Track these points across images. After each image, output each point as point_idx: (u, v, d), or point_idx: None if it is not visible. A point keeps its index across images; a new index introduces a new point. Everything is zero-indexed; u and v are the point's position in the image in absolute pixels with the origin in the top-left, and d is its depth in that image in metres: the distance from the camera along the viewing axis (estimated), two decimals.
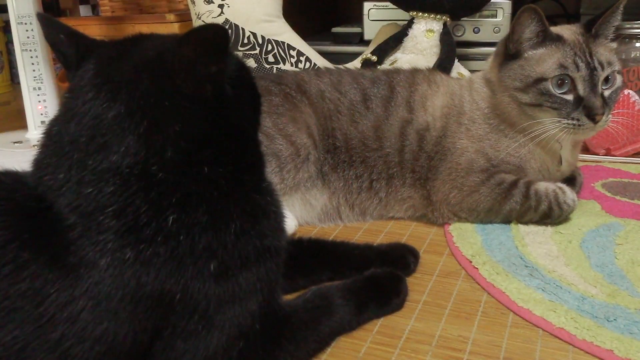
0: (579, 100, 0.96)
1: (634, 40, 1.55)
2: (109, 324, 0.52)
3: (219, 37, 0.53)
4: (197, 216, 0.55)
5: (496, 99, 1.05)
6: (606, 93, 0.97)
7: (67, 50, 0.59)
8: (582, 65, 0.95)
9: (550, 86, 0.97)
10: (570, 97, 0.97)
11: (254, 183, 0.62)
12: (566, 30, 1.00)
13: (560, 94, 0.97)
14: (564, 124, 0.97)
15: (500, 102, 1.04)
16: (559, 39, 0.98)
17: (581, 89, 0.96)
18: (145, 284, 0.53)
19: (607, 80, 0.97)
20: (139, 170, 0.53)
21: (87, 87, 0.55)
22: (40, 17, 0.61)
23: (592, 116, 0.95)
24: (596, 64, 0.95)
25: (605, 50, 0.98)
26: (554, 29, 1.01)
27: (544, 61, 0.98)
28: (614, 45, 1.01)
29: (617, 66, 0.98)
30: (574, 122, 0.96)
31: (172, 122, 0.54)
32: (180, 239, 0.54)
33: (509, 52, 1.02)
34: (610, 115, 0.98)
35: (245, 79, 0.63)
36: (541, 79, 0.97)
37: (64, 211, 0.53)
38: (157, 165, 0.54)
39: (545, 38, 0.98)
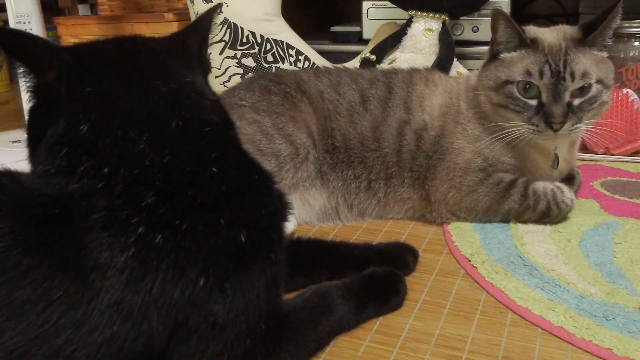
0: (541, 107, 0.96)
1: (633, 39, 1.55)
2: (120, 326, 0.52)
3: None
4: (231, 172, 0.60)
5: (477, 97, 1.05)
6: (575, 102, 0.95)
7: (62, 55, 0.57)
8: (547, 73, 0.95)
9: (514, 90, 0.98)
10: (534, 102, 0.97)
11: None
12: (553, 33, 1.00)
13: (524, 98, 0.97)
14: (525, 127, 0.98)
15: (479, 100, 1.05)
16: (534, 43, 0.98)
17: (544, 96, 0.96)
18: (170, 276, 0.53)
19: (581, 89, 0.95)
20: (191, 136, 0.58)
21: (123, 78, 0.58)
22: (11, 32, 0.60)
23: (550, 124, 0.95)
24: (566, 74, 0.94)
25: (587, 60, 0.96)
26: (540, 30, 1.01)
27: (515, 65, 0.98)
28: (604, 54, 0.98)
29: (593, 78, 0.95)
30: (534, 127, 0.97)
31: (207, 92, 0.63)
32: (220, 192, 0.57)
33: (492, 52, 1.04)
34: (579, 125, 0.96)
35: None
36: (508, 82, 0.98)
37: (86, 212, 0.53)
38: (206, 128, 0.59)
39: (521, 42, 0.99)
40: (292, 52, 1.74)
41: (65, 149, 0.55)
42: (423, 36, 1.63)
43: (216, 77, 1.68)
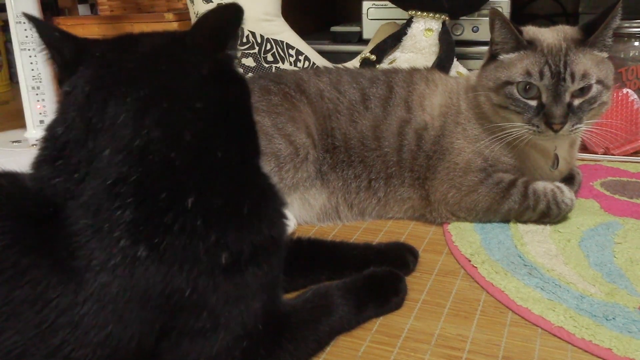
0: (541, 107, 0.96)
1: (633, 39, 1.55)
2: (114, 327, 0.52)
3: (235, 17, 0.56)
4: (213, 200, 0.55)
5: (477, 98, 1.06)
6: (575, 103, 0.95)
7: (64, 48, 0.58)
8: (547, 74, 0.94)
9: (514, 90, 0.97)
10: (534, 103, 0.97)
11: (258, 168, 0.63)
12: (553, 34, 1.00)
13: (524, 98, 0.97)
14: (525, 128, 0.98)
15: (479, 100, 1.05)
16: (531, 44, 0.98)
17: (544, 97, 0.96)
18: (155, 282, 0.53)
19: (581, 90, 0.95)
20: (160, 157, 0.53)
21: (93, 81, 0.56)
22: (30, 18, 0.60)
23: (550, 124, 0.95)
24: (567, 75, 0.94)
25: (587, 60, 0.96)
26: (540, 31, 1.01)
27: (514, 66, 0.98)
28: (604, 55, 0.99)
29: (594, 79, 0.95)
30: (534, 128, 0.97)
31: (191, 101, 0.55)
32: (197, 224, 0.54)
33: (491, 53, 1.04)
34: (580, 125, 0.96)
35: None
36: (508, 83, 0.98)
37: (74, 214, 0.53)
38: (176, 151, 0.54)
39: (518, 43, 0.99)
40: (292, 52, 1.74)
41: (50, 141, 0.57)
42: (423, 36, 1.63)
43: None
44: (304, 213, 1.08)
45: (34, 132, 1.51)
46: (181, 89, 0.55)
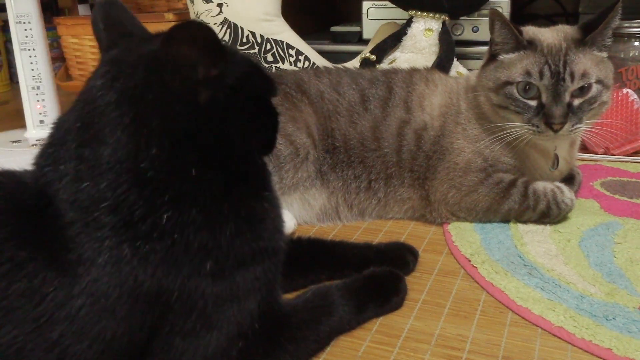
0: (541, 107, 0.96)
1: (633, 39, 1.55)
2: (107, 322, 0.52)
3: (212, 38, 0.52)
4: (190, 216, 0.54)
5: (477, 98, 1.06)
6: (575, 103, 0.95)
7: (102, 40, 0.60)
8: (547, 74, 0.95)
9: (514, 90, 0.98)
10: (534, 103, 0.97)
11: (251, 191, 0.61)
12: (552, 34, 1.00)
13: (524, 98, 0.97)
14: (525, 128, 0.98)
15: (479, 100, 1.05)
16: (531, 44, 0.98)
17: (544, 97, 0.96)
18: (143, 281, 0.53)
19: (581, 89, 0.95)
20: (130, 165, 0.53)
21: (95, 75, 0.56)
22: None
23: (550, 124, 0.95)
24: (566, 75, 0.94)
25: (587, 60, 0.96)
26: (539, 31, 1.01)
27: (514, 66, 0.98)
28: (604, 54, 0.99)
29: (593, 78, 0.95)
30: (534, 128, 0.97)
31: (155, 117, 0.53)
32: (175, 237, 0.54)
33: (491, 53, 1.04)
34: (580, 125, 0.96)
35: (252, 92, 0.60)
36: (507, 83, 0.98)
37: (63, 206, 0.53)
38: (145, 162, 0.53)
39: (518, 43, 0.99)
40: (292, 52, 1.74)
41: (54, 129, 0.58)
42: (423, 36, 1.63)
43: None
44: (304, 213, 1.08)
45: (34, 132, 1.51)
46: (147, 102, 0.53)
